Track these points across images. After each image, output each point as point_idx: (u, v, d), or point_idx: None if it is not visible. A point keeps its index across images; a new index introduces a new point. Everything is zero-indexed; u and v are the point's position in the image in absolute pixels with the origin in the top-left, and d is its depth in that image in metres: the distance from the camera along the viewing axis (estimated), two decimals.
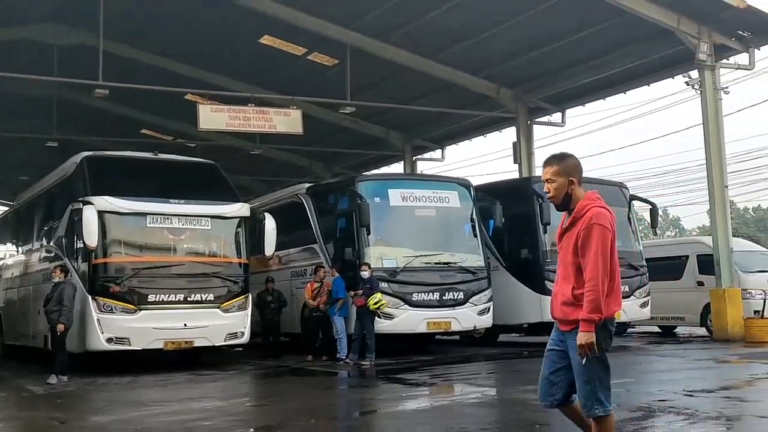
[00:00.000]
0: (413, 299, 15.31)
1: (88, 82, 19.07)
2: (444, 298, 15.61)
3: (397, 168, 30.47)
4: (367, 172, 27.11)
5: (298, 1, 19.55)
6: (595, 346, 4.53)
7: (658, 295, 18.18)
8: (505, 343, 18.54)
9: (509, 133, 25.14)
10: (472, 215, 16.62)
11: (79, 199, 13.85)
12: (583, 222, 4.68)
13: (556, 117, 24.29)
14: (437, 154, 29.21)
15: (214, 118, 19.73)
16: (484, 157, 71.76)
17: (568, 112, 24.23)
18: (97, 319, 13.33)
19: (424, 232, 16.41)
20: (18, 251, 19.28)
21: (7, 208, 25.65)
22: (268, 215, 15.32)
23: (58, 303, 12.54)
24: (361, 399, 11.07)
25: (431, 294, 15.49)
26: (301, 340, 16.77)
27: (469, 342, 18.51)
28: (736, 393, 10.18)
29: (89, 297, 13.45)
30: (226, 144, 28.28)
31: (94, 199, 13.61)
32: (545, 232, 16.74)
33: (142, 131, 29.98)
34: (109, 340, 13.37)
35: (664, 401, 8.74)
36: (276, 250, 15.68)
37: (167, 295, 13.81)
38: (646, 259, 17.93)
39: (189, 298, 13.97)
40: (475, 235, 16.62)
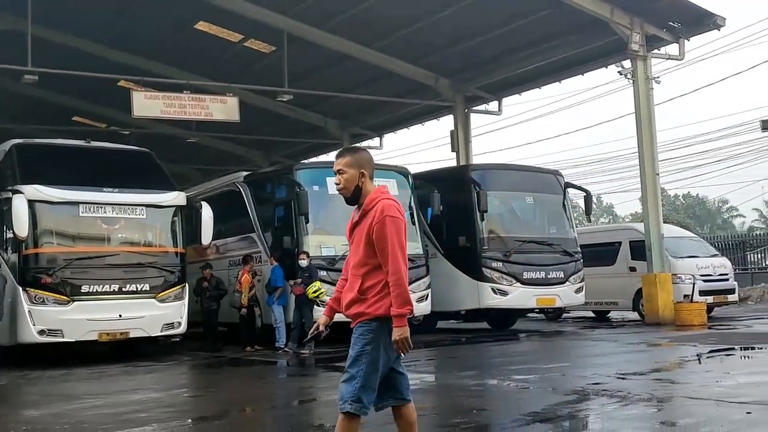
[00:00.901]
0: None
1: (17, 67, 18.53)
2: None
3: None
4: (305, 161, 26.99)
5: None
6: (410, 341, 4.46)
7: (592, 280, 18.56)
8: (443, 330, 18.70)
9: (447, 122, 25.33)
10: (410, 203, 16.68)
11: (8, 188, 13.51)
12: (374, 215, 4.53)
13: (493, 106, 24.53)
14: (375, 142, 29.19)
15: (148, 105, 19.36)
16: (422, 146, 72.11)
17: (505, 101, 24.50)
18: (29, 311, 13.03)
19: None
20: None
21: None
22: (204, 204, 15.14)
23: None
24: (300, 388, 11.07)
25: None
26: (238, 330, 16.65)
27: None
28: (666, 375, 10.46)
29: (20, 288, 13.15)
30: (162, 132, 27.77)
31: (24, 188, 13.29)
32: (482, 219, 16.95)
33: (74, 118, 29.26)
34: (41, 333, 13.09)
35: (597, 384, 8.93)
36: (213, 239, 15.54)
37: (101, 286, 13.58)
38: (581, 246, 18.27)
39: (124, 289, 13.77)
40: (413, 223, 16.67)
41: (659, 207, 19.06)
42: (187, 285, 14.85)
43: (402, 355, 4.55)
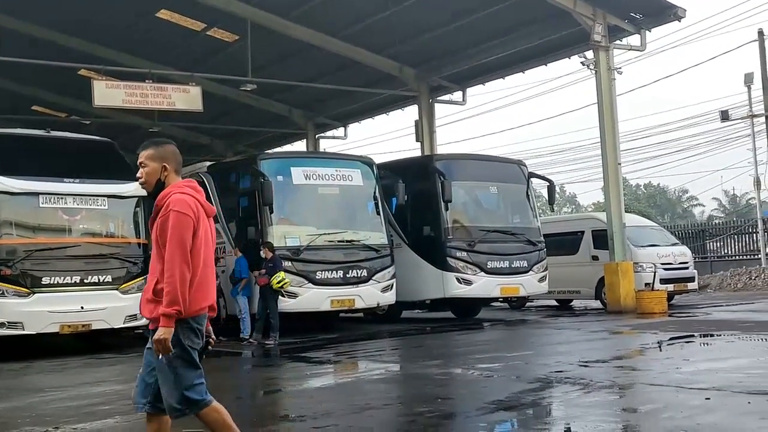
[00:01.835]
0: (317, 277, 15.32)
1: None
2: (347, 275, 15.67)
3: (299, 146, 30.35)
4: (269, 151, 26.88)
5: None
6: (169, 344, 4.19)
7: (556, 269, 18.73)
8: (408, 320, 18.76)
9: (411, 112, 25.39)
10: (375, 193, 16.70)
11: None
12: (164, 210, 4.36)
13: (458, 96, 24.62)
14: (340, 132, 29.18)
15: (109, 94, 19.09)
16: (387, 135, 72.09)
17: (469, 91, 24.57)
18: None
19: (328, 210, 16.42)
20: None
21: None
22: None
23: None
24: (265, 378, 11.05)
25: (335, 272, 15.53)
26: None
27: (372, 319, 18.66)
28: (628, 362, 10.63)
29: None
30: (123, 121, 27.46)
31: None
32: (447, 209, 17.01)
33: (33, 107, 28.82)
34: (0, 325, 12.91)
35: (560, 372, 9.03)
36: None
37: (62, 278, 13.40)
38: (544, 235, 18.42)
39: (86, 280, 13.61)
40: (378, 213, 16.72)
41: (621, 196, 19.28)
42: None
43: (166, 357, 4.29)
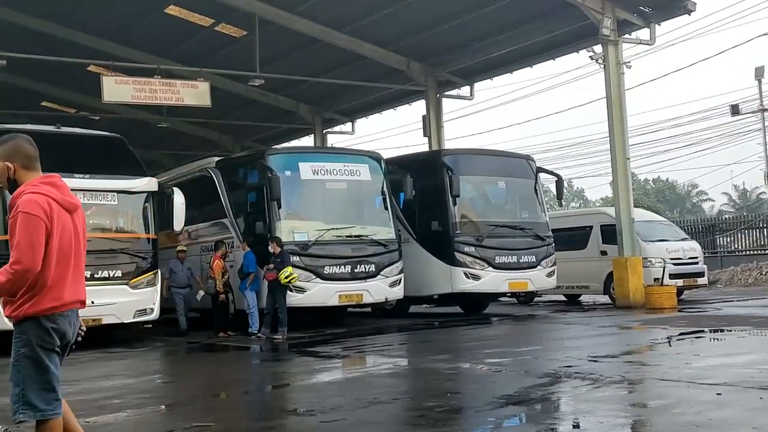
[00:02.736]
0: (325, 272, 15.34)
1: None
2: (356, 270, 15.68)
3: (307, 141, 30.32)
4: (277, 146, 26.89)
5: None
6: None
7: (564, 264, 18.70)
8: (416, 314, 18.78)
9: (419, 107, 25.32)
10: (382, 188, 16.70)
11: None
12: (13, 211, 4.25)
13: (465, 90, 24.55)
14: (348, 127, 29.15)
15: (119, 90, 19.16)
16: (395, 130, 71.74)
17: (477, 86, 24.51)
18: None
19: (336, 205, 16.44)
20: None
21: None
22: (176, 189, 15.09)
23: None
24: (273, 373, 11.09)
25: (343, 267, 15.55)
26: (211, 316, 16.61)
27: (380, 314, 18.68)
28: (638, 357, 10.59)
29: None
30: (132, 117, 27.54)
31: None
32: (455, 204, 17.00)
33: (43, 103, 28.88)
34: (11, 319, 12.95)
35: (569, 367, 9.02)
36: (185, 225, 15.48)
37: None
38: (553, 230, 18.39)
39: (96, 275, 13.66)
40: (386, 208, 16.72)
41: (630, 191, 19.22)
42: (159, 271, 14.78)
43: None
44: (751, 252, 30.54)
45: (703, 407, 6.45)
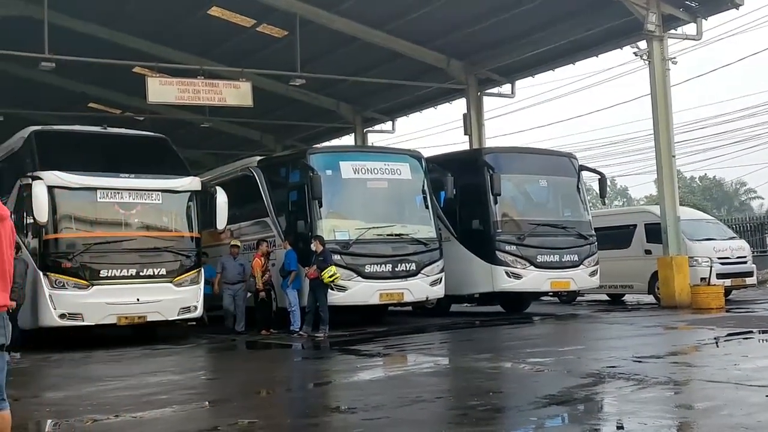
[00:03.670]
0: (366, 271, 15.36)
1: (34, 54, 18.63)
2: (396, 269, 15.68)
3: (348, 140, 30.40)
4: (318, 145, 27.00)
5: None
6: None
7: (607, 263, 18.49)
8: (456, 313, 18.74)
9: (459, 105, 25.23)
10: (423, 187, 16.68)
11: (28, 174, 13.68)
12: None
13: (506, 88, 24.38)
14: (388, 126, 29.16)
15: (163, 91, 19.44)
16: (435, 129, 71.80)
17: (518, 84, 24.33)
18: (50, 295, 13.23)
19: (376, 204, 16.46)
20: None
21: None
22: (219, 189, 15.25)
23: None
24: (315, 370, 11.14)
25: (384, 265, 15.56)
26: (254, 313, 16.75)
27: (421, 312, 18.68)
28: (684, 358, 10.43)
29: (41, 273, 13.33)
30: (176, 117, 27.88)
31: (44, 174, 13.44)
32: (496, 202, 16.91)
33: (89, 105, 29.38)
34: (61, 316, 13.28)
35: (613, 367, 8.93)
36: (228, 224, 15.63)
37: (119, 270, 13.73)
38: (595, 229, 18.21)
39: (141, 273, 13.91)
40: (426, 207, 16.70)
41: (675, 189, 18.96)
42: (202, 269, 14.97)
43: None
44: None
45: (752, 409, 6.34)
